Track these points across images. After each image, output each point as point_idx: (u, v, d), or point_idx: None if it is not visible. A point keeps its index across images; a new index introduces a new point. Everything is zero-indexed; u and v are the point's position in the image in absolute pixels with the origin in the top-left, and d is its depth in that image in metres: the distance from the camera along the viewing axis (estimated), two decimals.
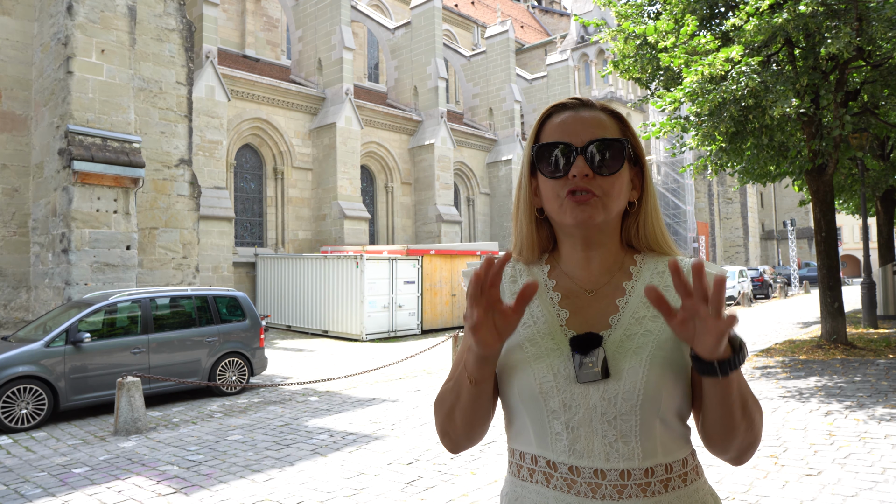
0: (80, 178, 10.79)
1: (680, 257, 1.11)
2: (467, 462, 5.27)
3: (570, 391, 1.02)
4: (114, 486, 4.99)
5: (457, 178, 27.72)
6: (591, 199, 1.04)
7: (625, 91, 37.05)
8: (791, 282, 33.21)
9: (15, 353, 7.27)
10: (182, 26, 13.64)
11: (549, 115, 1.12)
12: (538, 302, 1.12)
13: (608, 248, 1.12)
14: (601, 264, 1.12)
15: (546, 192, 1.09)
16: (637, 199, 1.13)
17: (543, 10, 49.72)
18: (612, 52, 11.34)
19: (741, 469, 4.69)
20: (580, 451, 1.02)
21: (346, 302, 15.67)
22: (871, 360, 9.17)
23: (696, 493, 1.04)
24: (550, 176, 1.07)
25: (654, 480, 1.01)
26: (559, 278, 1.14)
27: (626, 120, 1.13)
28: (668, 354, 1.01)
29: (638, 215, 1.14)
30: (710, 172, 11.59)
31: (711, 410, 0.99)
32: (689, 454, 1.07)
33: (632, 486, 1.00)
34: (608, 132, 1.08)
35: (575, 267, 1.13)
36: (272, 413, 7.62)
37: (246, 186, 20.79)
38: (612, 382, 1.01)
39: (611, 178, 1.05)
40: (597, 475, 1.01)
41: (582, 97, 1.14)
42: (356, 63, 29.31)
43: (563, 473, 1.03)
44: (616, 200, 1.07)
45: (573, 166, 1.04)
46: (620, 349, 1.02)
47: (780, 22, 8.28)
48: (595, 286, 1.11)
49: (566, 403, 1.02)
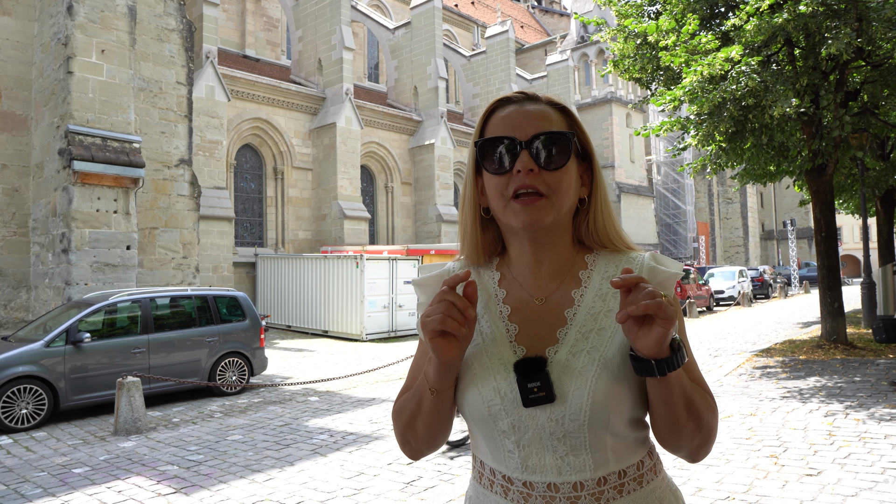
0: (81, 178, 10.79)
1: (633, 253, 1.10)
2: (467, 462, 5.27)
3: (517, 413, 1.01)
4: (114, 486, 4.99)
5: (457, 178, 27.71)
6: (538, 200, 1.01)
7: (625, 91, 37.03)
8: (791, 282, 33.22)
9: (15, 353, 7.27)
10: (182, 26, 13.64)
11: (494, 110, 1.08)
12: (487, 316, 1.10)
13: (558, 248, 1.09)
14: (551, 267, 1.09)
15: (490, 190, 1.05)
16: (587, 196, 1.09)
17: (543, 10, 49.72)
18: (612, 52, 11.34)
19: (741, 469, 4.70)
20: (532, 468, 1.02)
21: (346, 302, 15.67)
22: (871, 360, 9.17)
23: (652, 493, 1.04)
24: (494, 172, 1.03)
25: (608, 488, 1.01)
26: (510, 287, 1.11)
27: (573, 113, 1.09)
28: (616, 370, 0.99)
29: (588, 212, 1.10)
30: (708, 171, 11.59)
31: (655, 410, 0.99)
32: (646, 455, 1.06)
33: (585, 496, 1.00)
34: (554, 125, 1.04)
35: (525, 271, 1.10)
36: (272, 413, 7.62)
37: (246, 186, 20.79)
38: (558, 404, 0.99)
39: (557, 174, 1.02)
40: (550, 489, 1.01)
41: (527, 91, 1.10)
42: (356, 63, 29.31)
43: (519, 487, 1.03)
44: (564, 197, 1.03)
45: (517, 161, 1.01)
46: (566, 370, 1.00)
47: (780, 22, 8.28)
48: (545, 293, 1.08)
49: (515, 425, 1.01)
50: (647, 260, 1.07)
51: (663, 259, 1.07)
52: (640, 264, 1.07)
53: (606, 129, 34.99)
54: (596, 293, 1.06)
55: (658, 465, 1.09)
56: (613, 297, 1.05)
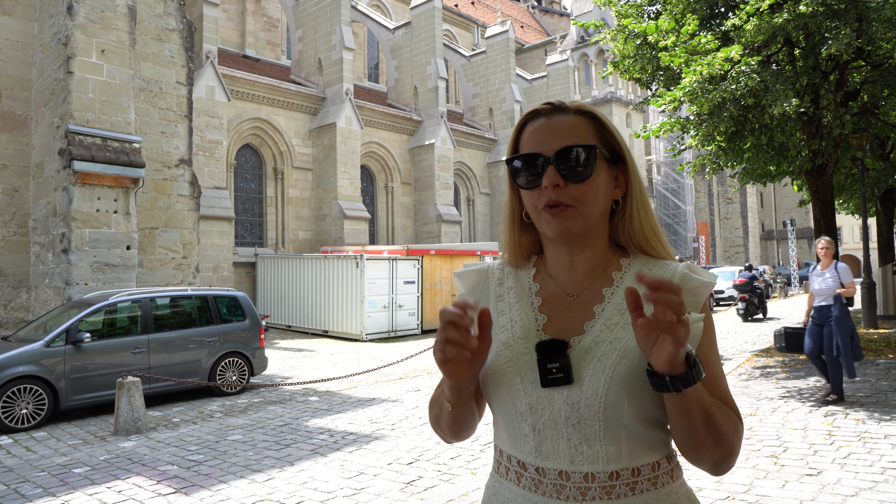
0: (81, 178, 10.79)
1: (669, 262, 1.10)
2: (467, 462, 5.28)
3: (535, 395, 1.04)
4: (114, 486, 4.99)
5: (457, 178, 27.73)
6: (566, 209, 1.05)
7: (625, 91, 37.04)
8: (791, 282, 33.20)
9: (15, 353, 7.27)
10: (182, 26, 13.65)
11: (526, 123, 1.12)
12: (518, 306, 1.14)
13: (595, 249, 1.12)
14: (585, 267, 1.12)
15: (525, 202, 1.11)
16: (622, 197, 1.12)
17: (543, 10, 49.72)
18: (612, 53, 11.34)
19: (741, 469, 4.70)
20: (546, 453, 1.04)
21: (346, 302, 15.67)
22: (871, 360, 9.17)
23: (666, 496, 1.04)
24: (525, 187, 1.09)
25: (619, 483, 1.02)
26: (544, 282, 1.16)
27: (603, 119, 1.11)
28: (635, 363, 1.00)
29: (624, 213, 1.12)
30: (708, 171, 11.59)
31: (673, 422, 1.00)
32: (665, 458, 1.06)
33: (595, 488, 1.01)
34: (580, 137, 1.07)
35: (560, 270, 1.14)
36: (272, 413, 7.62)
37: (246, 186, 20.79)
38: (574, 388, 1.02)
39: (583, 185, 1.05)
40: (561, 476, 1.03)
41: (556, 101, 1.12)
42: (356, 63, 29.32)
43: (532, 474, 1.06)
44: (592, 206, 1.06)
45: (544, 177, 1.05)
46: (586, 356, 1.03)
47: (780, 22, 8.28)
48: (577, 290, 1.12)
49: (532, 406, 1.05)
50: (681, 269, 1.08)
51: (698, 269, 1.08)
52: (674, 272, 1.07)
53: None
54: None
55: (676, 470, 1.08)
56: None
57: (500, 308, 1.15)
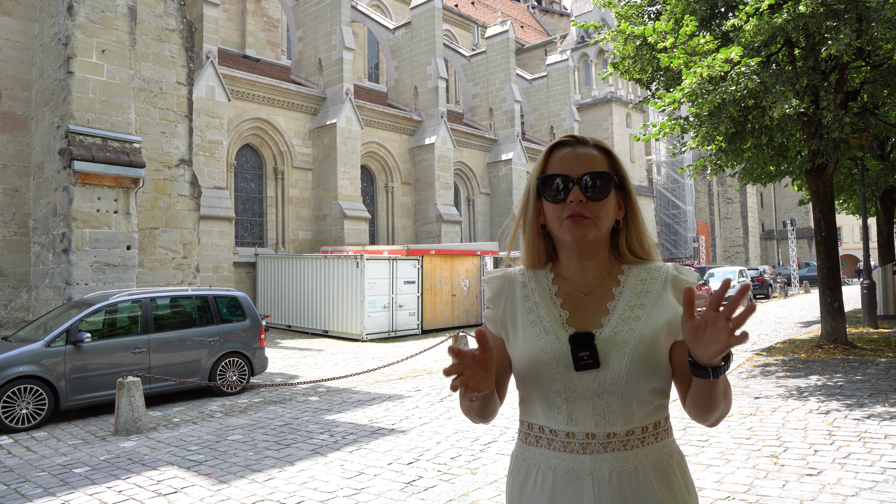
0: (81, 178, 10.79)
1: (660, 264, 1.41)
2: (467, 462, 5.28)
3: (569, 376, 1.31)
4: (114, 486, 5.00)
5: (457, 178, 27.72)
6: (585, 220, 1.31)
7: (625, 91, 37.04)
8: (791, 282, 33.19)
9: (15, 353, 7.27)
10: (182, 26, 13.65)
11: (553, 150, 1.39)
12: (543, 304, 1.40)
13: (600, 257, 1.40)
14: (594, 270, 1.40)
15: (549, 213, 1.36)
16: (623, 218, 1.40)
17: (543, 10, 49.71)
18: (612, 53, 11.33)
19: (741, 469, 4.70)
20: (576, 420, 1.31)
21: (347, 302, 15.67)
22: (871, 360, 9.17)
23: (665, 447, 1.34)
24: (552, 200, 1.34)
25: (633, 438, 1.30)
26: (561, 283, 1.42)
27: (614, 153, 1.40)
28: (647, 348, 1.30)
29: (625, 230, 1.40)
30: (709, 172, 11.58)
31: (699, 397, 1.25)
32: (664, 418, 1.36)
33: (615, 443, 1.30)
34: (598, 166, 1.35)
35: (573, 273, 1.41)
36: (272, 413, 7.62)
37: (246, 186, 20.79)
38: (602, 370, 1.29)
39: (600, 203, 1.32)
40: (588, 437, 1.30)
41: (578, 136, 1.40)
42: (356, 63, 29.31)
43: (562, 438, 1.32)
44: (605, 221, 1.34)
45: (570, 193, 1.32)
46: (609, 344, 1.31)
47: (780, 22, 8.27)
48: (589, 289, 1.39)
49: (566, 385, 1.31)
50: (671, 269, 1.38)
51: (684, 270, 1.39)
52: (665, 273, 1.38)
53: (606, 130, 35.00)
54: (632, 291, 1.37)
55: (670, 428, 1.38)
56: (647, 295, 1.36)
57: (528, 306, 1.40)
